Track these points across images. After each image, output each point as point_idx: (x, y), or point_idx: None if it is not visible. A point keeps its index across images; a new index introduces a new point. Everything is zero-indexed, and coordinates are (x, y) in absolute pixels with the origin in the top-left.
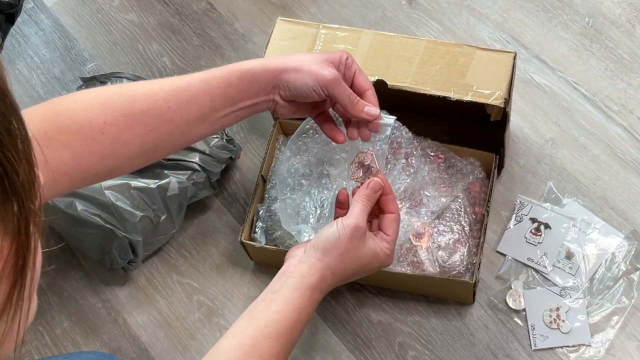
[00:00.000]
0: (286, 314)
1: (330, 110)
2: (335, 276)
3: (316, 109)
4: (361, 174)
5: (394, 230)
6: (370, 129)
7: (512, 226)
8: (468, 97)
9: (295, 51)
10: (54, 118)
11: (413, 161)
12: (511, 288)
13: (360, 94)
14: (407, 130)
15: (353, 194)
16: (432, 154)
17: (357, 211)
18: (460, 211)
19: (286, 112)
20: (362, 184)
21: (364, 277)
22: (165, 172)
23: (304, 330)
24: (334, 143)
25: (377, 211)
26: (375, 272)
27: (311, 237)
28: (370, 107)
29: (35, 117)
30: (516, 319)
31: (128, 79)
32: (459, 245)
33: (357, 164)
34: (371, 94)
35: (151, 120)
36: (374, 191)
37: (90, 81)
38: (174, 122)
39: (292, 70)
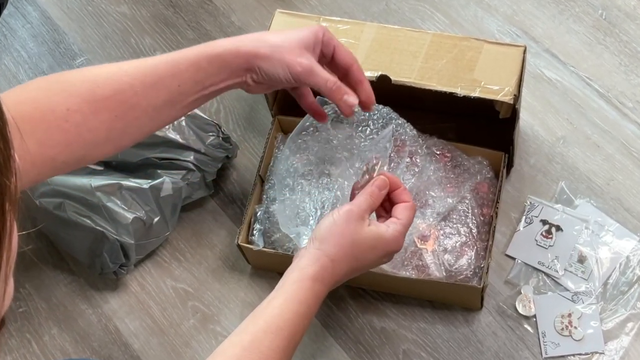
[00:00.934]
0: (285, 307)
1: None
2: (336, 264)
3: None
4: (367, 177)
5: (407, 216)
6: (362, 108)
7: (521, 228)
8: (476, 93)
9: None
10: (17, 107)
11: (418, 160)
12: (521, 293)
13: (345, 71)
14: (412, 127)
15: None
16: (438, 152)
17: (357, 200)
18: (468, 213)
19: (259, 91)
20: None
21: (369, 279)
22: (159, 171)
23: (308, 325)
24: (335, 141)
25: (389, 207)
26: (386, 260)
27: None
28: (349, 97)
29: None
30: (526, 326)
31: None
32: (466, 249)
33: (363, 171)
34: (357, 69)
35: (116, 106)
36: (379, 188)
37: None
38: (141, 107)
39: (263, 57)
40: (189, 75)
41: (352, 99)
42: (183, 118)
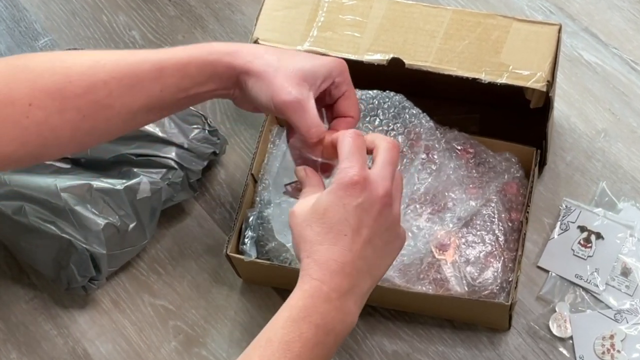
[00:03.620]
0: (276, 316)
1: None
2: (313, 254)
3: None
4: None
5: (342, 148)
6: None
7: (556, 236)
8: (503, 80)
9: (290, 25)
10: None
11: (435, 156)
12: (555, 311)
13: (337, 123)
14: (428, 118)
15: None
16: (458, 147)
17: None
18: (494, 218)
19: (245, 108)
20: None
21: (378, 295)
22: (135, 170)
23: (307, 330)
24: None
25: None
26: (363, 202)
27: None
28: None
29: None
30: (561, 349)
31: None
32: (492, 260)
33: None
34: (347, 126)
35: (87, 106)
36: (310, 147)
37: None
38: (114, 109)
39: (254, 75)
40: (173, 81)
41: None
42: None
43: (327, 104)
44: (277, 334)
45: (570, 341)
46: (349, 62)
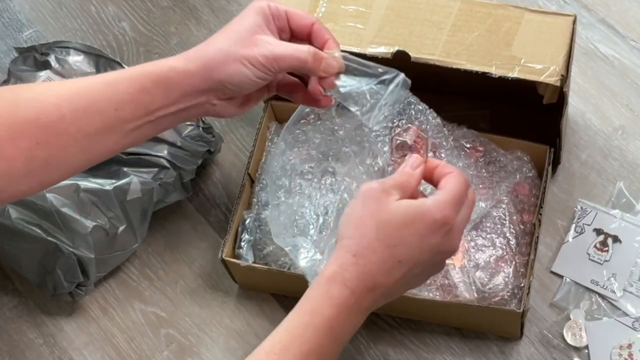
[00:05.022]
0: (294, 321)
1: None
2: (360, 258)
3: (269, 89)
4: (399, 153)
5: (453, 185)
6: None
7: (570, 239)
8: (514, 74)
9: None
10: None
11: (443, 155)
12: (570, 319)
13: (306, 36)
14: (435, 115)
15: None
16: (467, 145)
17: (380, 180)
18: (505, 220)
19: (233, 111)
20: None
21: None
22: (125, 169)
23: (332, 344)
24: (341, 132)
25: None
26: (440, 244)
27: (310, 254)
28: (334, 50)
29: None
30: (576, 359)
31: (76, 49)
32: (503, 264)
33: (396, 144)
34: (319, 27)
35: (38, 131)
36: (412, 167)
37: (27, 52)
38: (69, 134)
39: (219, 66)
40: (129, 98)
41: (336, 53)
42: None
43: (287, 38)
44: (294, 343)
45: (586, 351)
46: (351, 55)
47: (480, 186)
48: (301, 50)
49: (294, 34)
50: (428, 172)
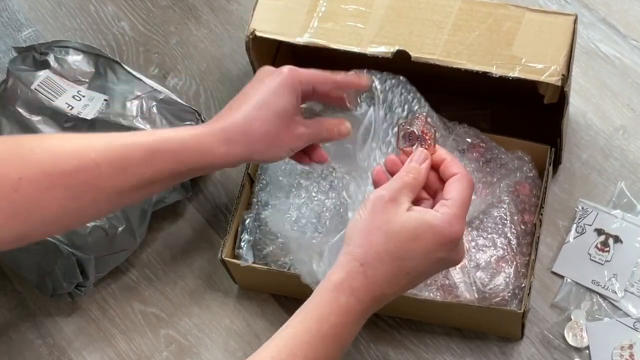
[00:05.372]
0: (301, 326)
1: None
2: (369, 268)
3: None
4: (407, 143)
5: (459, 192)
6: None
7: (571, 239)
8: (515, 73)
9: (289, 15)
10: None
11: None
12: (571, 319)
13: (326, 97)
14: (436, 114)
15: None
16: (468, 141)
17: (389, 183)
18: (505, 220)
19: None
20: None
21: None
22: None
23: (338, 351)
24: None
25: (440, 188)
26: (446, 257)
27: (308, 253)
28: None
29: None
30: (577, 359)
31: (75, 49)
32: (504, 264)
33: (403, 133)
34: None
35: (76, 185)
36: (418, 162)
37: (26, 52)
38: (102, 191)
39: (262, 151)
40: (167, 168)
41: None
42: (154, 103)
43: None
44: (302, 350)
45: (587, 351)
46: (351, 54)
47: (481, 185)
48: (322, 130)
49: (316, 94)
50: (435, 165)
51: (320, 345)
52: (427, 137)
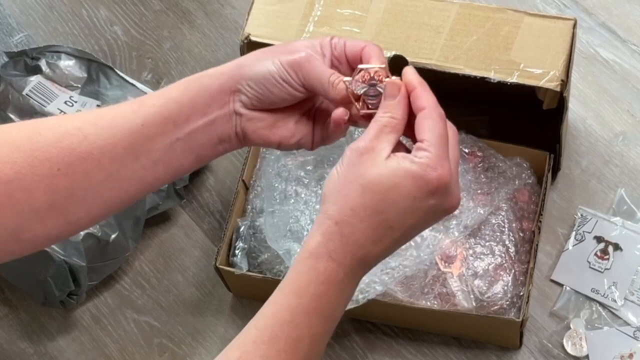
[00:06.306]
0: (280, 303)
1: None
2: (344, 226)
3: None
4: (365, 89)
5: (431, 129)
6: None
7: (571, 247)
8: (513, 79)
9: (284, 20)
10: None
11: None
12: (570, 328)
13: (359, 59)
14: None
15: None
16: (466, 151)
17: (364, 132)
18: (504, 227)
19: (264, 132)
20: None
21: (380, 311)
22: None
23: (325, 324)
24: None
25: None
26: (437, 205)
27: None
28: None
29: None
30: None
31: (68, 54)
32: (502, 272)
33: (361, 77)
34: (368, 50)
35: (59, 156)
36: (392, 97)
37: (18, 57)
38: (93, 157)
39: (250, 63)
40: (155, 110)
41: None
42: None
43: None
44: (283, 330)
45: None
46: None
47: (479, 192)
48: (325, 69)
49: (351, 64)
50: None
51: (302, 322)
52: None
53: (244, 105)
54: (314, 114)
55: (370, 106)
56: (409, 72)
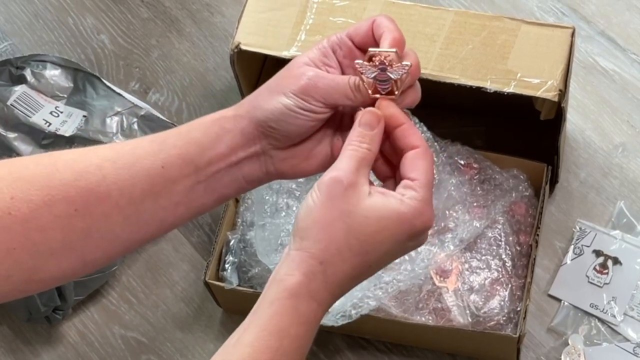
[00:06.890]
0: (258, 344)
1: None
2: (329, 267)
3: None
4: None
5: (423, 170)
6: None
7: (569, 261)
8: (510, 88)
9: (275, 28)
10: None
11: (435, 172)
12: (568, 344)
13: (375, 42)
14: (426, 129)
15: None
16: (461, 162)
17: (340, 160)
18: (500, 241)
19: (300, 167)
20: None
21: (374, 327)
22: None
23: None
24: None
25: (392, 154)
26: (412, 244)
27: None
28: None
29: None
30: None
31: (53, 63)
32: (498, 287)
33: (371, 62)
34: (378, 23)
35: (77, 196)
36: (370, 127)
37: (2, 66)
38: (111, 199)
39: (261, 102)
40: (176, 152)
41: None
42: (135, 119)
43: None
44: None
45: None
46: None
47: (475, 205)
48: (340, 78)
49: (363, 50)
50: (389, 126)
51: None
52: (394, 77)
53: (274, 147)
54: (339, 121)
55: (381, 91)
56: (391, 106)
